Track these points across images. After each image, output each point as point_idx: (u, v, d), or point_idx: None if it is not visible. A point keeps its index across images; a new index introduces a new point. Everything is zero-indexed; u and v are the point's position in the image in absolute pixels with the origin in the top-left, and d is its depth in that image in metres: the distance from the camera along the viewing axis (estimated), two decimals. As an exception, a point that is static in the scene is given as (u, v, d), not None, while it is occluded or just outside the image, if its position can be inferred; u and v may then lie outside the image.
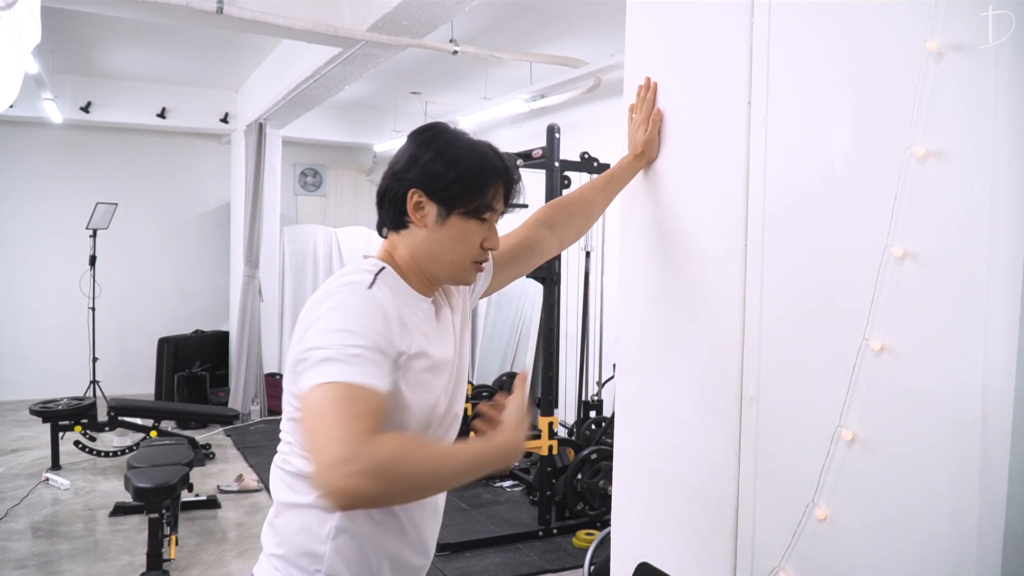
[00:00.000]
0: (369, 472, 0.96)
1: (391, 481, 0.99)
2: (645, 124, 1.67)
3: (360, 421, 1.00)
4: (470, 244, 1.25)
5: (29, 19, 2.16)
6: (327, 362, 1.05)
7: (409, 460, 1.01)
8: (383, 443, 1.00)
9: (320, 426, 1.01)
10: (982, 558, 1.04)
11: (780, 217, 1.35)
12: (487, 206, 1.24)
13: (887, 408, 1.16)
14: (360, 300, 1.13)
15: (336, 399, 1.02)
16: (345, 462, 0.96)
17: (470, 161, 1.23)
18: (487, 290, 1.52)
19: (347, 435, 0.98)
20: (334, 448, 0.97)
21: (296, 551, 1.19)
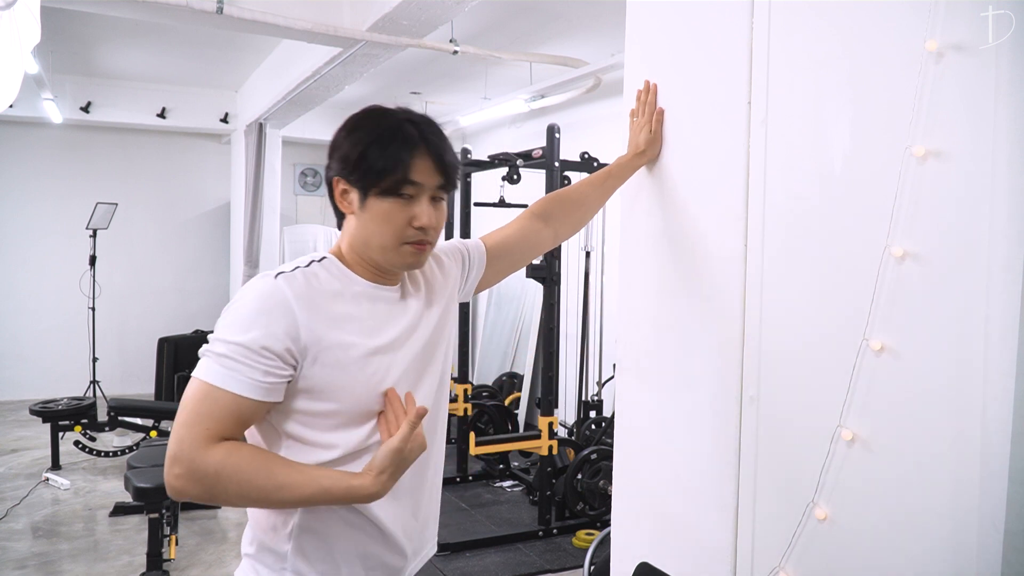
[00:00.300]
0: (192, 477, 1.05)
1: (212, 489, 1.07)
2: (648, 126, 1.65)
3: (203, 424, 1.07)
4: (394, 225, 1.17)
5: (29, 19, 2.16)
6: (203, 357, 1.11)
7: (229, 474, 1.06)
8: (213, 454, 1.06)
9: (177, 419, 1.08)
10: (982, 558, 1.04)
11: (780, 217, 1.35)
12: (404, 181, 1.15)
13: (887, 408, 1.16)
14: (258, 292, 1.12)
15: (195, 396, 1.08)
16: (175, 462, 1.05)
17: (377, 135, 1.16)
18: (481, 283, 1.48)
19: (186, 436, 1.06)
20: (173, 444, 1.06)
21: (263, 549, 1.20)
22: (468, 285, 1.45)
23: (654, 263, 1.68)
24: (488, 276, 1.49)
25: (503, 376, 6.30)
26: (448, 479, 4.75)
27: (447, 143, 1.22)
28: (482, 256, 1.46)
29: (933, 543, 1.09)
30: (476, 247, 1.47)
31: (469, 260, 1.44)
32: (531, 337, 6.07)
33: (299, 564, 1.17)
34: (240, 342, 1.08)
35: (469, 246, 1.46)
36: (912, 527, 1.12)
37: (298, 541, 1.17)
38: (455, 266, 1.41)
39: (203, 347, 1.12)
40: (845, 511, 1.22)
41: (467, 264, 1.44)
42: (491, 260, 1.48)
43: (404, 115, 1.20)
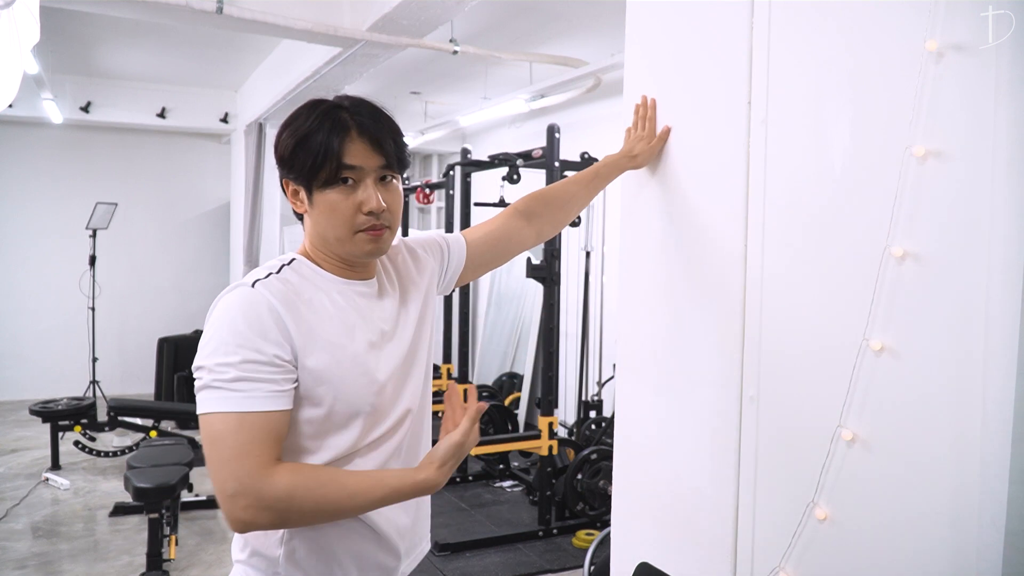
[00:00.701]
0: (262, 506, 1.03)
1: (286, 513, 1.05)
2: (646, 140, 1.64)
3: (253, 453, 1.04)
4: (342, 214, 1.14)
5: (28, 18, 2.16)
6: (210, 389, 1.05)
7: (303, 494, 1.05)
8: (277, 479, 1.04)
9: (215, 456, 1.04)
10: (982, 558, 1.04)
11: (780, 217, 1.35)
12: (339, 167, 1.12)
13: (887, 408, 1.16)
14: (241, 304, 1.08)
15: (227, 430, 1.04)
16: (240, 496, 1.02)
17: (305, 129, 1.12)
18: (460, 278, 1.47)
19: (240, 469, 1.03)
20: (229, 482, 1.03)
21: (254, 555, 1.19)
22: (447, 279, 1.44)
23: (654, 263, 1.68)
24: (468, 272, 1.47)
25: (503, 376, 6.30)
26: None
27: (385, 120, 1.17)
28: (462, 251, 1.45)
29: (933, 543, 1.09)
30: (456, 242, 1.45)
31: (448, 254, 1.43)
32: (531, 337, 6.07)
33: (291, 568, 1.17)
34: (248, 359, 1.05)
35: (449, 240, 1.44)
36: (912, 527, 1.12)
37: (290, 545, 1.16)
38: (432, 260, 1.39)
39: (203, 378, 1.06)
40: (845, 511, 1.22)
41: (446, 258, 1.42)
42: (471, 256, 1.46)
43: (336, 101, 1.17)
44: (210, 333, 1.09)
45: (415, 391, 1.26)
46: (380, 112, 1.18)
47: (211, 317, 1.11)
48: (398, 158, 1.18)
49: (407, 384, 1.24)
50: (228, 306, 1.09)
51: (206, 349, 1.08)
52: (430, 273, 1.37)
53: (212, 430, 1.05)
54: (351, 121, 1.14)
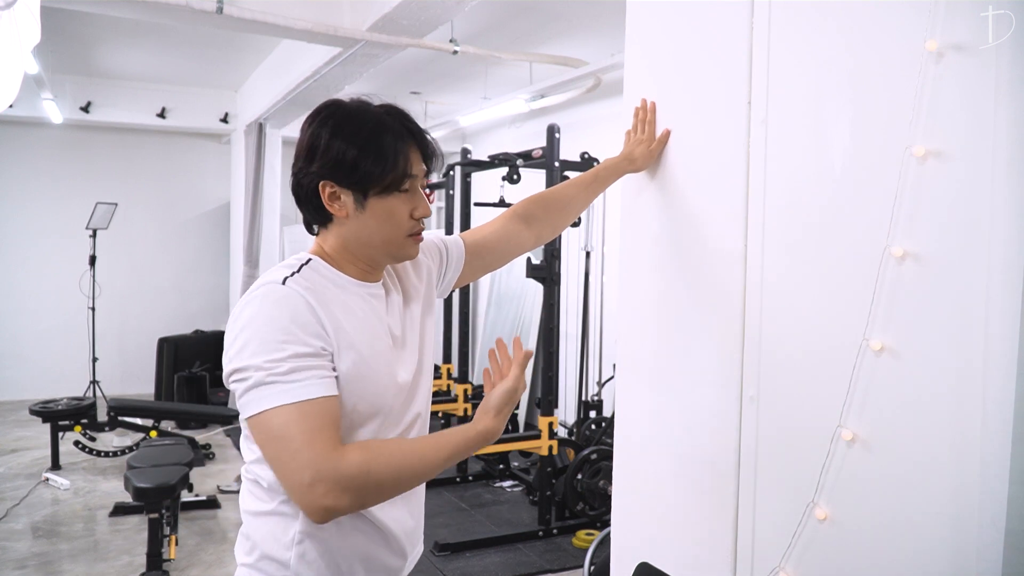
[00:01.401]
0: (341, 487, 1.02)
1: (364, 490, 1.05)
2: (646, 143, 1.64)
3: (320, 438, 1.04)
4: (398, 220, 1.18)
5: (29, 19, 2.16)
6: (263, 386, 1.05)
7: (379, 467, 1.05)
8: (351, 457, 1.04)
9: (283, 451, 1.04)
10: (982, 558, 1.04)
11: (780, 217, 1.35)
12: (402, 176, 1.16)
13: (887, 408, 1.16)
14: (276, 301, 1.09)
15: (290, 421, 1.04)
16: (319, 483, 1.02)
17: (366, 136, 1.14)
18: (459, 280, 1.48)
19: (314, 456, 1.02)
20: (304, 471, 1.02)
21: (263, 558, 1.18)
22: (445, 282, 1.45)
23: (654, 263, 1.68)
24: (466, 274, 1.48)
25: (503, 376, 6.28)
26: (448, 479, 4.76)
27: (422, 127, 1.22)
28: (460, 254, 1.46)
29: (933, 543, 1.09)
30: (455, 244, 1.46)
31: (447, 257, 1.44)
32: (531, 337, 6.06)
33: (302, 570, 1.16)
34: (297, 352, 1.06)
35: (448, 243, 1.45)
36: (912, 527, 1.12)
37: (300, 548, 1.16)
38: (431, 262, 1.40)
39: (252, 377, 1.06)
40: (845, 511, 1.22)
41: (445, 261, 1.43)
42: (470, 259, 1.47)
43: (379, 109, 1.19)
44: (248, 333, 1.08)
45: (424, 394, 1.29)
46: (415, 119, 1.22)
47: (242, 317, 1.10)
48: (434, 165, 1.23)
49: (418, 389, 1.26)
50: (263, 305, 1.09)
51: (247, 349, 1.07)
52: (429, 276, 1.38)
53: (273, 426, 1.05)
54: (405, 129, 1.17)
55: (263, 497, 1.19)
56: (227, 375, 1.10)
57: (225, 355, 1.11)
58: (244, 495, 1.23)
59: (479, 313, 7.06)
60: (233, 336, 1.10)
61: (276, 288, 1.11)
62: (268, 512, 1.18)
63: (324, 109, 1.19)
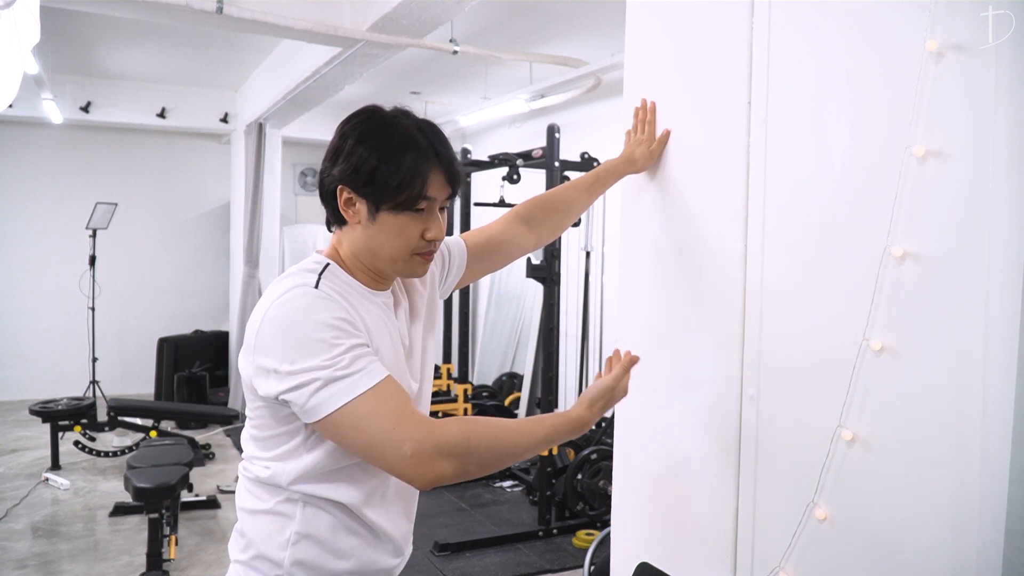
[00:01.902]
0: (444, 453, 1.05)
1: (465, 457, 1.06)
2: (647, 143, 1.64)
3: (406, 414, 1.06)
4: (407, 238, 1.16)
5: (28, 19, 2.16)
6: (331, 384, 1.04)
7: (479, 436, 1.07)
8: (449, 427, 1.07)
9: (375, 436, 1.04)
10: (982, 558, 1.04)
11: (780, 217, 1.35)
12: (419, 196, 1.13)
13: (887, 408, 1.16)
14: (316, 304, 1.10)
15: (370, 408, 1.05)
16: (420, 452, 1.03)
17: (390, 148, 1.12)
18: (460, 281, 1.48)
19: (407, 430, 1.04)
20: (403, 444, 1.03)
21: (257, 556, 1.18)
22: (446, 284, 1.45)
23: (654, 263, 1.68)
24: (467, 276, 1.49)
25: (503, 376, 6.29)
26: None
27: (453, 150, 1.20)
28: (463, 256, 1.46)
29: (933, 543, 1.09)
30: (457, 246, 1.46)
31: (449, 260, 1.44)
32: (531, 337, 6.06)
33: (296, 570, 1.17)
34: (352, 345, 1.07)
35: (450, 245, 1.45)
36: (912, 527, 1.12)
37: (296, 548, 1.16)
38: (435, 265, 1.40)
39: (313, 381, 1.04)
40: (845, 511, 1.22)
41: (447, 264, 1.43)
42: (471, 260, 1.47)
43: (412, 123, 1.17)
44: (293, 339, 1.06)
45: (425, 401, 1.31)
46: (446, 138, 1.20)
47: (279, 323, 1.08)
48: (458, 189, 1.22)
49: (423, 395, 1.29)
50: (304, 308, 1.09)
51: (299, 354, 1.05)
52: (432, 279, 1.38)
53: (357, 416, 1.05)
54: (432, 150, 1.15)
55: (261, 495, 1.19)
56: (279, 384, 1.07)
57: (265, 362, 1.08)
58: (241, 493, 1.23)
59: (479, 313, 7.06)
60: (275, 342, 1.08)
61: (310, 290, 1.11)
62: (265, 511, 1.18)
63: (360, 114, 1.18)
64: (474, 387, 5.59)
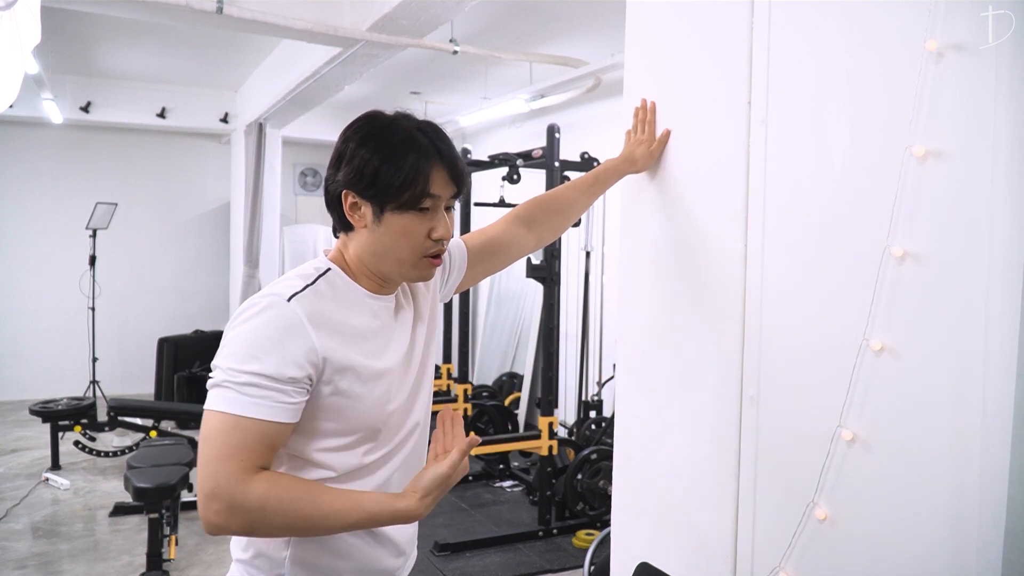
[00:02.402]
0: (233, 512, 1.02)
1: (256, 523, 1.04)
2: (647, 143, 1.64)
3: (237, 456, 1.03)
4: (414, 239, 1.16)
5: (29, 19, 2.16)
6: (220, 388, 1.06)
7: (279, 507, 1.04)
8: (255, 487, 1.03)
9: (204, 454, 1.05)
10: (982, 558, 1.04)
11: (780, 217, 1.35)
12: (422, 195, 1.13)
13: (887, 408, 1.16)
14: (271, 318, 1.08)
15: (220, 429, 1.04)
16: (213, 498, 1.02)
17: (391, 149, 1.13)
18: (461, 284, 1.47)
19: (221, 471, 1.03)
20: (207, 481, 1.03)
21: (258, 555, 1.18)
22: (448, 287, 1.45)
23: (654, 263, 1.68)
24: (468, 278, 1.48)
25: (503, 376, 6.30)
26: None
27: (455, 149, 1.20)
28: (463, 259, 1.45)
29: (933, 543, 1.09)
30: (458, 249, 1.45)
31: (450, 263, 1.43)
32: (531, 337, 6.06)
33: (296, 570, 1.17)
34: (262, 372, 1.05)
35: (451, 248, 1.44)
36: (912, 527, 1.12)
37: (296, 547, 1.16)
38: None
39: (215, 377, 1.07)
40: (845, 511, 1.22)
41: (448, 267, 1.43)
42: (472, 262, 1.46)
43: (412, 124, 1.17)
44: (234, 337, 1.08)
45: (423, 405, 1.28)
46: (448, 138, 1.20)
47: (239, 321, 1.09)
48: (464, 188, 1.20)
49: (418, 399, 1.26)
50: (258, 317, 1.09)
51: (225, 350, 1.08)
52: (434, 282, 1.38)
53: (208, 427, 1.06)
54: (432, 147, 1.15)
55: None
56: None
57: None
58: None
59: (479, 313, 7.06)
60: (225, 336, 1.11)
61: (278, 303, 1.09)
62: None
63: (361, 119, 1.18)
64: (474, 387, 5.59)
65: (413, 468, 1.26)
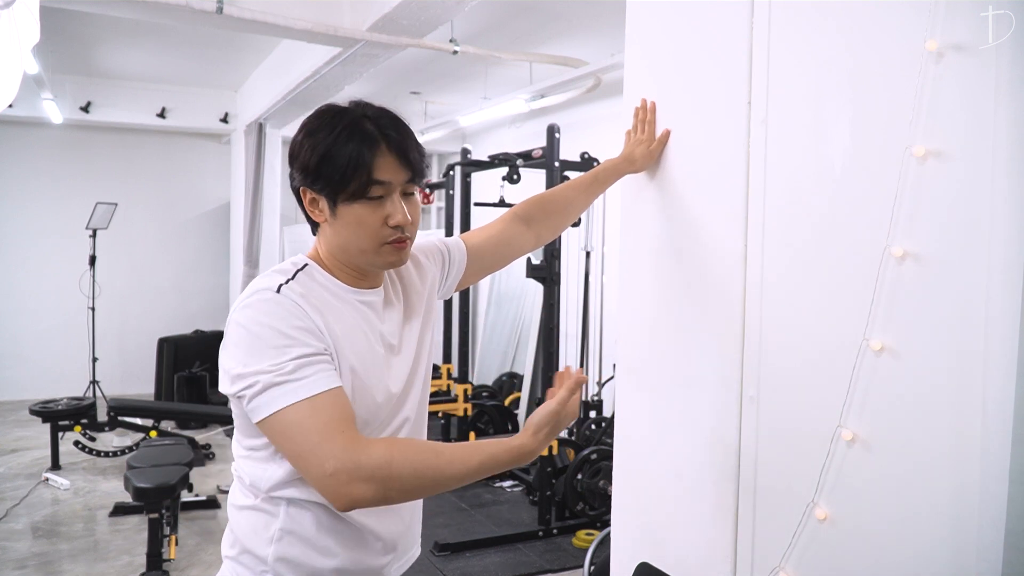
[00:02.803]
0: (365, 476, 1.01)
1: (387, 482, 1.03)
2: (646, 143, 1.64)
3: (336, 430, 1.03)
4: (370, 229, 1.14)
5: (28, 18, 2.16)
6: (272, 388, 1.05)
7: (401, 462, 1.03)
8: (374, 449, 1.03)
9: (303, 446, 1.04)
10: (982, 558, 1.04)
11: (780, 217, 1.35)
12: (368, 183, 1.11)
13: (887, 408, 1.16)
14: (275, 308, 1.08)
15: (302, 420, 1.03)
16: (341, 472, 1.01)
17: (333, 138, 1.11)
18: (460, 282, 1.48)
19: (332, 448, 1.02)
20: (326, 461, 1.02)
21: (244, 552, 1.19)
22: (447, 285, 1.45)
23: (654, 263, 1.68)
24: (467, 276, 1.48)
25: (503, 376, 6.30)
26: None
27: (408, 133, 1.17)
28: (463, 256, 1.45)
29: (933, 543, 1.09)
30: (457, 247, 1.45)
31: (449, 260, 1.43)
32: (531, 337, 6.06)
33: (280, 567, 1.17)
34: (301, 354, 1.05)
35: (450, 245, 1.45)
36: (912, 527, 1.12)
37: (280, 544, 1.16)
38: (434, 266, 1.40)
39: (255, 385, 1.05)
40: (845, 511, 1.22)
41: (447, 264, 1.43)
42: (471, 261, 1.47)
43: (359, 111, 1.15)
44: (250, 341, 1.07)
45: (414, 401, 1.28)
46: (402, 123, 1.17)
47: (238, 326, 1.09)
48: (422, 171, 1.18)
49: (409, 395, 1.26)
50: (259, 312, 1.09)
51: (254, 356, 1.06)
52: (431, 280, 1.38)
53: (288, 423, 1.04)
54: (378, 134, 1.13)
55: (247, 492, 1.20)
56: (231, 386, 1.09)
57: (224, 363, 1.10)
58: (232, 490, 1.25)
59: (479, 313, 7.06)
60: (233, 344, 1.09)
61: (271, 295, 1.10)
62: (250, 507, 1.19)
63: (314, 112, 1.18)
64: (474, 387, 5.58)
65: None
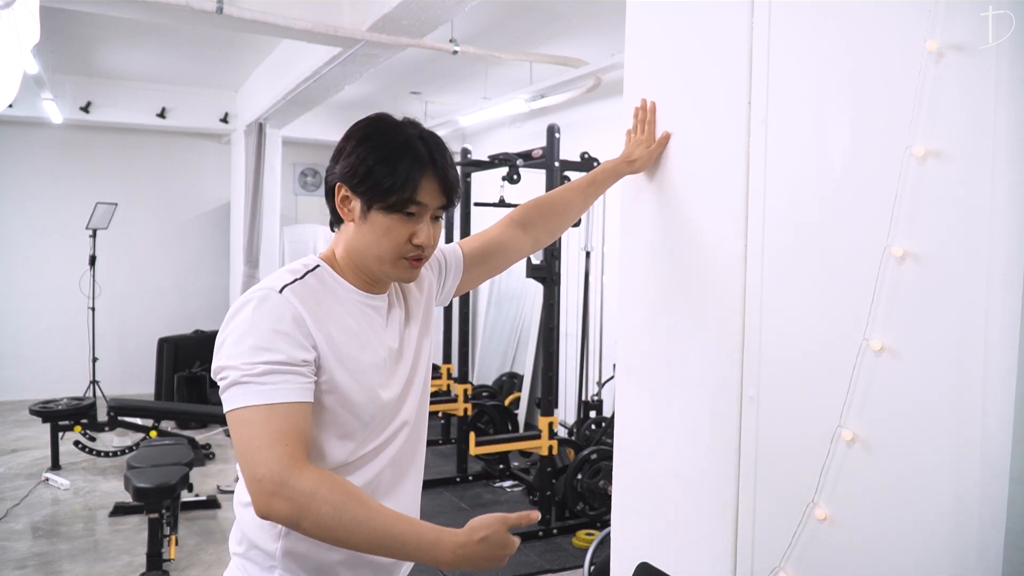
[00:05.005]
0: (286, 496, 1.03)
1: (304, 510, 1.03)
2: (646, 143, 1.64)
3: (282, 442, 1.05)
4: (394, 240, 1.19)
5: (28, 18, 2.16)
6: (239, 385, 1.08)
7: (328, 496, 1.03)
8: (308, 474, 1.04)
9: (245, 446, 1.06)
10: (982, 558, 1.04)
11: (780, 217, 1.35)
12: (409, 200, 1.17)
13: (887, 408, 1.16)
14: (268, 309, 1.11)
15: (254, 421, 1.06)
16: (268, 481, 1.03)
17: (388, 151, 1.16)
18: (458, 288, 1.50)
19: (270, 456, 1.04)
20: (258, 466, 1.04)
21: (252, 548, 1.21)
22: (444, 292, 1.47)
23: (654, 263, 1.68)
24: (465, 282, 1.50)
25: (503, 376, 6.30)
26: (448, 479, 4.76)
27: (452, 161, 1.23)
28: (459, 263, 1.47)
29: (933, 543, 1.09)
30: (453, 254, 1.47)
31: (446, 267, 1.46)
32: (531, 337, 6.06)
33: (288, 563, 1.18)
34: (277, 359, 1.08)
35: (446, 253, 1.47)
36: (912, 527, 1.12)
37: (287, 539, 1.18)
38: (431, 274, 1.42)
39: (228, 376, 1.08)
40: (845, 511, 1.22)
41: (444, 271, 1.45)
42: (468, 266, 1.49)
43: (415, 132, 1.20)
44: (236, 335, 1.11)
45: (413, 404, 1.30)
46: (448, 151, 1.23)
47: (236, 318, 1.12)
48: (455, 200, 1.23)
49: (407, 399, 1.28)
50: (254, 310, 1.12)
51: (234, 349, 1.10)
52: (429, 287, 1.40)
53: (243, 421, 1.07)
54: (428, 157, 1.18)
55: None
56: (213, 372, 1.13)
57: (215, 352, 1.14)
58: (238, 488, 1.25)
59: (479, 313, 7.06)
60: (223, 335, 1.13)
61: (271, 295, 1.13)
62: None
63: (369, 118, 1.22)
64: (474, 387, 5.58)
65: (403, 466, 1.28)
